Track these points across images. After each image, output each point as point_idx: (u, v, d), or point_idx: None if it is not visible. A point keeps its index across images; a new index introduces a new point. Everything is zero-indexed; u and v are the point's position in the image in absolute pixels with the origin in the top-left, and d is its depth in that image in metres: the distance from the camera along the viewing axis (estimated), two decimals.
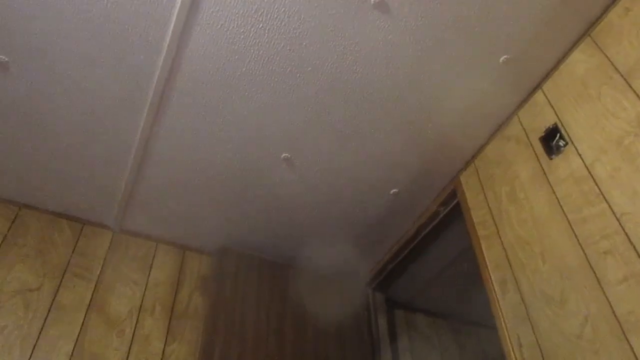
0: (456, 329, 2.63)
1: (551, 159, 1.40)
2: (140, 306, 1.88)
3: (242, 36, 1.38)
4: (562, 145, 1.37)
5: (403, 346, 2.37)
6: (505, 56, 1.46)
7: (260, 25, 1.35)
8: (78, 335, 1.70)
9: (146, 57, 1.42)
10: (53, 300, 1.74)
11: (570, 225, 1.27)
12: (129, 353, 1.74)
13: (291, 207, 1.98)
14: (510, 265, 1.45)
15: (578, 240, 1.24)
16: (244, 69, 1.46)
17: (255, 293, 2.00)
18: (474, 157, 1.76)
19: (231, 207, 1.95)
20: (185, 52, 1.41)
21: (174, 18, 1.32)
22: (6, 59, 1.42)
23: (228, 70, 1.46)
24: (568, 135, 1.36)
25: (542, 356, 1.26)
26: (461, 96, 1.57)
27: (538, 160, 1.45)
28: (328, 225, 2.08)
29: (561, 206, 1.32)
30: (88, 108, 1.57)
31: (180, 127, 1.63)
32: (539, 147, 1.46)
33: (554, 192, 1.36)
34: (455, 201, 1.85)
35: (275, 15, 1.34)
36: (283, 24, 1.35)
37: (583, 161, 1.29)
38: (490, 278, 1.52)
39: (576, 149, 1.32)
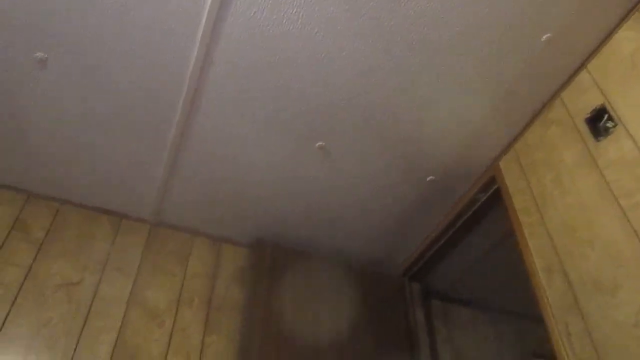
0: (495, 319, 2.58)
1: (598, 141, 1.34)
2: (179, 298, 1.89)
3: (275, 23, 1.36)
4: (610, 126, 1.31)
5: (441, 337, 2.34)
6: (547, 35, 1.40)
7: (295, 9, 1.33)
8: (120, 327, 1.73)
9: (179, 51, 1.42)
10: (95, 293, 1.78)
11: (623, 211, 1.22)
12: (169, 344, 1.76)
13: (325, 197, 1.96)
14: (557, 253, 1.40)
15: (632, 226, 1.18)
16: (277, 57, 1.44)
17: (291, 285, 2.00)
18: (514, 142, 1.71)
19: (266, 199, 1.95)
20: (218, 43, 1.40)
21: (206, 8, 1.31)
22: (45, 56, 1.44)
23: (263, 60, 1.45)
24: (617, 116, 1.30)
25: (593, 345, 1.21)
26: (500, 79, 1.52)
27: (584, 143, 1.39)
28: (363, 215, 2.06)
29: (611, 191, 1.26)
30: (123, 103, 1.58)
31: (215, 120, 1.63)
32: (585, 130, 1.40)
33: (603, 176, 1.30)
34: (494, 188, 1.80)
35: None
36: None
37: (635, 143, 1.23)
38: (535, 266, 1.47)
39: (627, 130, 1.26)
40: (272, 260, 2.03)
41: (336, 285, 2.11)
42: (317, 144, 1.72)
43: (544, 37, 1.40)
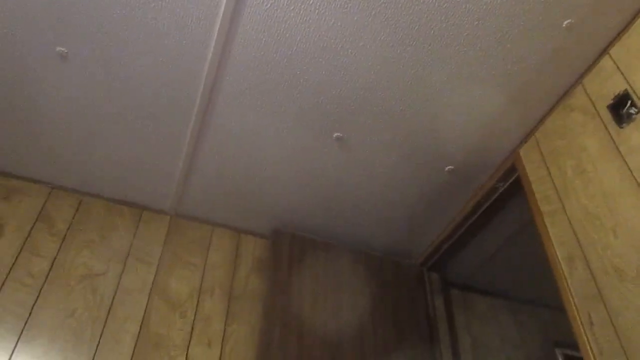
0: (515, 309, 2.56)
1: (622, 127, 1.32)
2: (200, 288, 1.92)
3: (292, 14, 1.36)
4: (633, 112, 1.29)
5: (460, 326, 2.33)
6: (568, 21, 1.38)
7: (311, 0, 1.33)
8: (143, 317, 1.76)
9: (197, 44, 1.42)
10: (118, 284, 1.81)
11: None
12: (191, 333, 1.79)
13: (343, 188, 1.96)
14: (578, 241, 1.38)
15: None
16: (294, 48, 1.44)
17: (310, 275, 2.01)
18: (534, 129, 1.69)
19: (285, 189, 1.96)
20: (235, 35, 1.40)
21: (224, 0, 1.32)
22: (66, 50, 1.46)
23: (279, 51, 1.45)
24: None
25: (617, 334, 1.20)
26: (520, 67, 1.50)
27: (607, 129, 1.37)
28: (381, 205, 2.05)
29: (635, 178, 1.24)
30: (142, 96, 1.59)
31: (233, 112, 1.64)
32: (607, 116, 1.37)
33: (626, 163, 1.28)
34: (514, 176, 1.79)
35: None
36: None
37: None
38: (556, 255, 1.46)
39: None
40: (290, 250, 2.04)
41: (355, 275, 2.11)
42: (334, 135, 1.72)
43: (565, 22, 1.38)
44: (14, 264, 1.72)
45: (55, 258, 1.79)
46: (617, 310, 1.22)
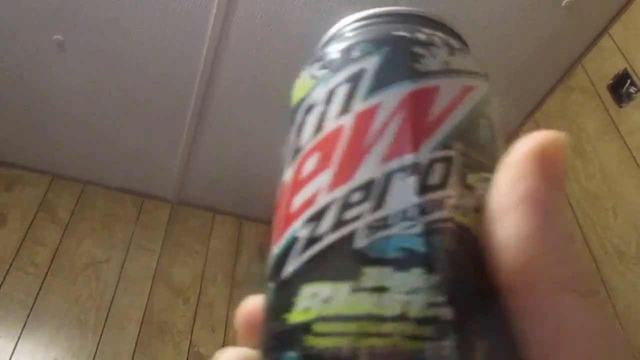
0: None
1: (621, 107, 1.32)
2: (203, 274, 1.93)
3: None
4: (633, 92, 1.29)
5: None
6: (567, 0, 1.37)
7: None
8: (146, 304, 1.78)
9: (194, 31, 1.42)
10: (121, 271, 1.82)
11: None
12: (194, 319, 1.81)
13: None
14: (578, 222, 1.39)
15: None
16: (290, 39, 1.44)
17: None
18: (534, 111, 1.68)
19: None
20: (232, 23, 1.40)
21: None
22: (62, 39, 1.45)
23: (275, 40, 1.44)
24: None
25: (617, 315, 1.21)
26: (519, 48, 1.49)
27: (606, 109, 1.37)
28: None
29: (634, 158, 1.24)
30: (141, 85, 1.59)
31: (232, 100, 1.63)
32: (607, 96, 1.37)
33: (626, 143, 1.28)
34: None
35: None
36: None
37: None
38: None
39: None
40: None
41: None
42: None
43: (565, 2, 1.37)
44: (17, 253, 1.73)
45: (58, 247, 1.80)
46: (617, 290, 1.22)
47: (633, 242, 1.20)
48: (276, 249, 0.19)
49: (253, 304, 0.22)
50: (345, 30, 0.21)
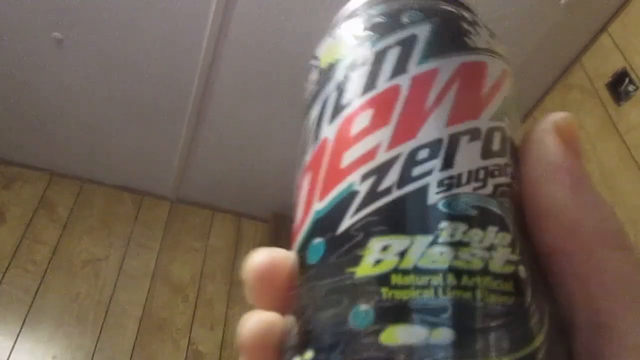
0: None
1: (619, 105, 1.32)
2: (202, 272, 1.93)
3: None
4: (631, 90, 1.29)
5: None
6: None
7: None
8: (145, 301, 1.78)
9: (193, 28, 1.42)
10: (120, 269, 1.82)
11: None
12: (193, 317, 1.81)
13: None
14: None
15: None
16: (289, 32, 1.44)
17: None
18: (532, 109, 1.69)
19: (286, 172, 1.96)
20: (231, 19, 1.40)
21: None
22: (61, 36, 1.45)
23: (275, 34, 1.44)
24: (639, 79, 1.27)
25: None
26: (518, 47, 1.49)
27: (605, 108, 1.37)
28: None
29: (633, 156, 1.25)
30: (139, 82, 1.59)
31: (231, 97, 1.63)
32: (606, 94, 1.37)
33: (624, 141, 1.28)
34: None
35: None
36: None
37: None
38: None
39: None
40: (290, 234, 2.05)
41: None
42: None
43: (564, 0, 1.37)
44: (16, 250, 1.73)
45: (57, 244, 1.80)
46: None
47: (631, 240, 1.20)
48: (322, 204, 0.19)
49: (267, 258, 0.22)
50: None
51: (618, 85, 1.33)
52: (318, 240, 0.18)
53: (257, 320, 0.21)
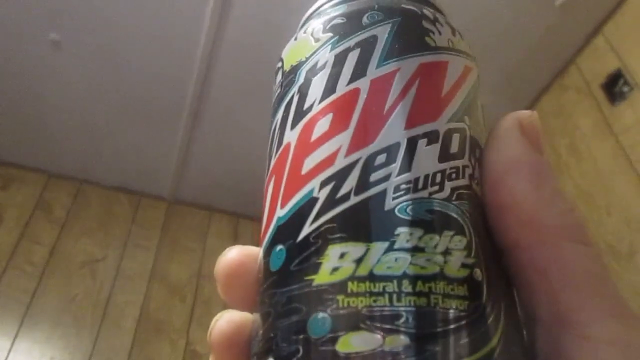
0: None
1: (615, 106, 1.33)
2: (199, 273, 1.94)
3: None
4: (626, 90, 1.30)
5: None
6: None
7: None
8: (143, 302, 1.78)
9: (189, 29, 1.42)
10: (117, 270, 1.83)
11: (639, 176, 1.21)
12: (191, 317, 1.81)
13: None
14: None
15: None
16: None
17: None
18: (528, 109, 1.69)
19: None
20: (228, 18, 1.40)
21: None
22: (58, 37, 1.45)
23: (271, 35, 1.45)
24: (633, 80, 1.28)
25: None
26: (513, 49, 1.50)
27: (600, 108, 1.38)
28: None
29: (628, 156, 1.25)
30: (137, 83, 1.59)
31: (228, 98, 1.64)
32: (601, 95, 1.38)
33: (619, 142, 1.29)
34: None
35: None
36: None
37: None
38: None
39: None
40: None
41: None
42: None
43: (558, 1, 1.38)
44: (13, 251, 1.73)
45: (54, 245, 1.80)
46: None
47: (626, 240, 1.21)
48: (283, 211, 0.19)
49: (237, 256, 0.22)
50: None
51: (613, 86, 1.34)
52: (279, 247, 0.18)
53: (227, 320, 0.21)
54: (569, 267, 0.17)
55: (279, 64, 0.23)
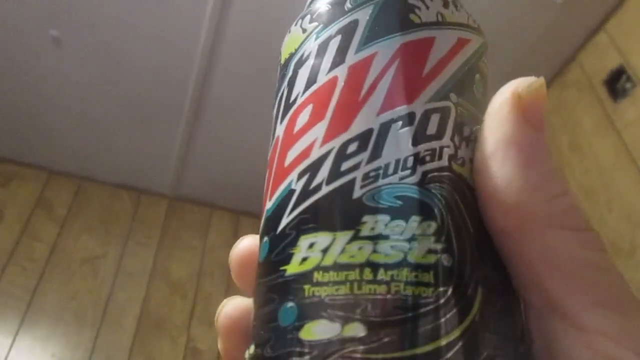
0: None
1: (617, 102, 1.32)
2: (200, 270, 1.94)
3: None
4: (628, 87, 1.29)
5: None
6: None
7: None
8: (144, 299, 1.78)
9: (189, 27, 1.42)
10: (118, 267, 1.83)
11: None
12: (192, 314, 1.81)
13: None
14: None
15: None
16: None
17: None
18: None
19: None
20: (228, 17, 1.40)
21: None
22: (59, 33, 1.45)
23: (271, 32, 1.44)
24: (636, 76, 1.28)
25: None
26: (514, 47, 1.49)
27: (602, 105, 1.37)
28: None
29: (630, 152, 1.25)
30: (137, 80, 1.59)
31: (229, 94, 1.64)
32: (603, 92, 1.38)
33: (621, 138, 1.29)
34: None
35: None
36: None
37: None
38: None
39: None
40: None
41: None
42: None
43: None
44: (14, 249, 1.73)
45: (55, 242, 1.80)
46: None
47: (627, 237, 1.21)
48: (270, 204, 0.19)
49: (249, 245, 0.23)
50: None
51: (615, 83, 1.34)
52: (265, 239, 0.19)
53: (233, 306, 0.22)
54: (555, 256, 0.16)
55: (279, 58, 0.23)
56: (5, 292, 1.64)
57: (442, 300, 0.15)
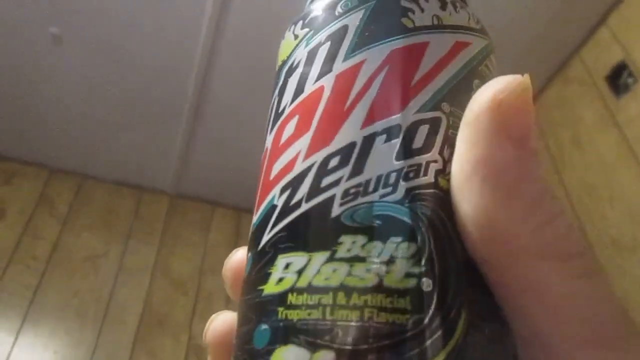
0: None
1: (619, 98, 1.32)
2: (202, 267, 1.94)
3: None
4: (630, 82, 1.29)
5: None
6: None
7: None
8: (145, 296, 1.79)
9: (189, 24, 1.41)
10: (120, 264, 1.83)
11: None
12: (194, 311, 1.82)
13: None
14: (576, 213, 1.39)
15: None
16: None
17: None
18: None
19: None
20: (227, 15, 1.39)
21: None
22: (59, 31, 1.45)
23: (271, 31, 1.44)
24: (638, 71, 1.27)
25: None
26: (515, 39, 1.49)
27: (604, 100, 1.37)
28: None
29: (632, 148, 1.25)
30: (138, 77, 1.59)
31: (229, 91, 1.63)
32: (605, 87, 1.37)
33: (623, 134, 1.28)
34: None
35: None
36: None
37: None
38: None
39: None
40: None
41: None
42: None
43: None
44: (16, 247, 1.74)
45: (57, 240, 1.80)
46: (614, 281, 1.23)
47: (629, 233, 1.20)
48: (255, 218, 0.18)
49: (243, 256, 0.22)
50: None
51: (617, 78, 1.33)
52: (249, 255, 0.18)
53: (221, 321, 0.21)
54: (541, 289, 0.14)
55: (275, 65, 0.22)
56: (8, 290, 1.64)
57: (418, 329, 0.14)
